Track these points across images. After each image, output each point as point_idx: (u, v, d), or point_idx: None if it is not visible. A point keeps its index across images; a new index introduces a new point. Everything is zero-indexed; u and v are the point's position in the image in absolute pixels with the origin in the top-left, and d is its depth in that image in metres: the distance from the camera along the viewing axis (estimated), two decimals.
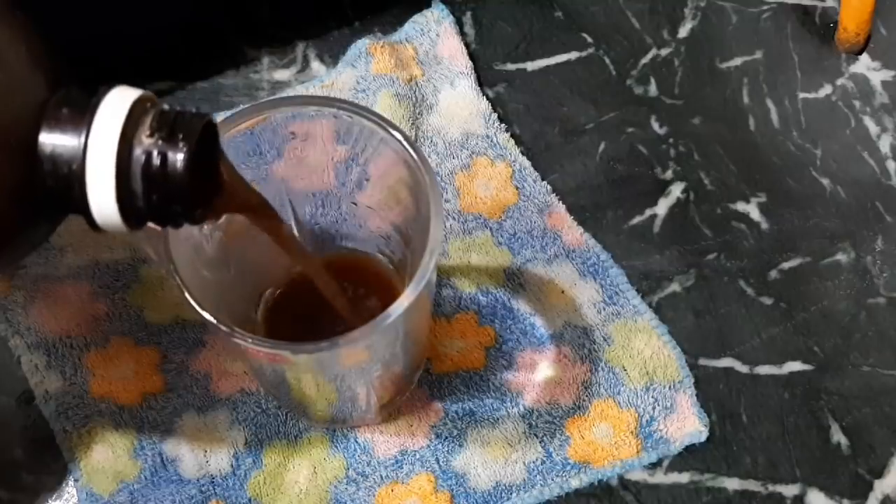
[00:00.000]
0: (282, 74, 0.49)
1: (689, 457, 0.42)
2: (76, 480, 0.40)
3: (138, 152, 0.27)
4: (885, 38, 0.51)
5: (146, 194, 0.27)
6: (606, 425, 0.42)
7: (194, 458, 0.41)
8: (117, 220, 0.28)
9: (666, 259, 0.46)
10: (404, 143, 0.32)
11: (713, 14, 0.51)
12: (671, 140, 0.48)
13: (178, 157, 0.27)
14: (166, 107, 0.29)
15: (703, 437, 0.42)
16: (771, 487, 0.41)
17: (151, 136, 0.27)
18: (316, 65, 0.49)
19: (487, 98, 0.48)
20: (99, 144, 0.27)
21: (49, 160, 0.28)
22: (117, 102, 0.27)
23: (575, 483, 0.41)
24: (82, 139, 0.27)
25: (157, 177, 0.27)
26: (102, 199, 0.27)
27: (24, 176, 0.28)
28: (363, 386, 0.38)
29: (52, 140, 0.28)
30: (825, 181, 0.48)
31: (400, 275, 0.40)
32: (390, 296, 0.39)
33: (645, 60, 0.50)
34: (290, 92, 0.48)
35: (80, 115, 0.27)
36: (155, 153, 0.27)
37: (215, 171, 0.31)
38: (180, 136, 0.27)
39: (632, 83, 0.50)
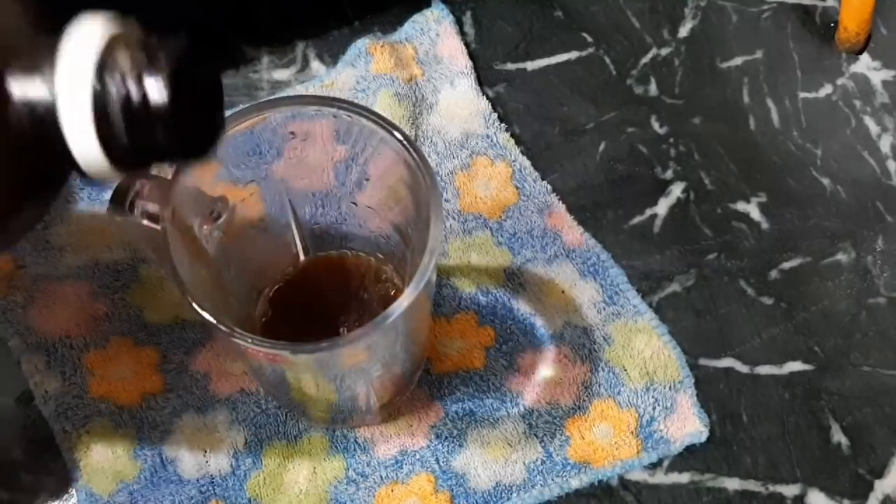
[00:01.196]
0: (281, 74, 0.49)
1: (689, 457, 0.42)
2: (76, 480, 0.40)
3: (114, 84, 0.24)
4: (886, 38, 0.51)
5: (129, 129, 0.25)
6: (606, 425, 0.42)
7: (194, 458, 0.41)
8: (104, 164, 0.25)
9: (666, 259, 0.46)
10: (404, 143, 0.32)
11: (713, 13, 0.51)
12: (671, 140, 0.48)
13: (157, 83, 0.24)
14: (145, 35, 0.26)
15: (704, 438, 0.42)
16: (771, 487, 0.41)
17: (127, 65, 0.25)
18: (316, 64, 0.49)
19: (487, 98, 0.48)
20: (70, 82, 0.24)
21: (23, 106, 0.25)
22: (89, 34, 0.25)
23: (575, 483, 0.41)
24: (52, 78, 0.25)
25: (138, 109, 0.25)
26: (82, 141, 0.25)
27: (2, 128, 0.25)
28: (363, 386, 0.38)
29: (23, 84, 0.25)
30: (825, 181, 0.48)
31: (400, 275, 0.40)
32: (390, 296, 0.39)
33: (645, 60, 0.50)
34: (289, 92, 0.48)
35: (50, 53, 0.25)
36: (133, 84, 0.24)
37: (214, 107, 0.28)
38: (160, 59, 0.25)
39: (632, 83, 0.50)
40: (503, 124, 0.48)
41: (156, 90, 0.25)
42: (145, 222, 0.32)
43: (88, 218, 0.45)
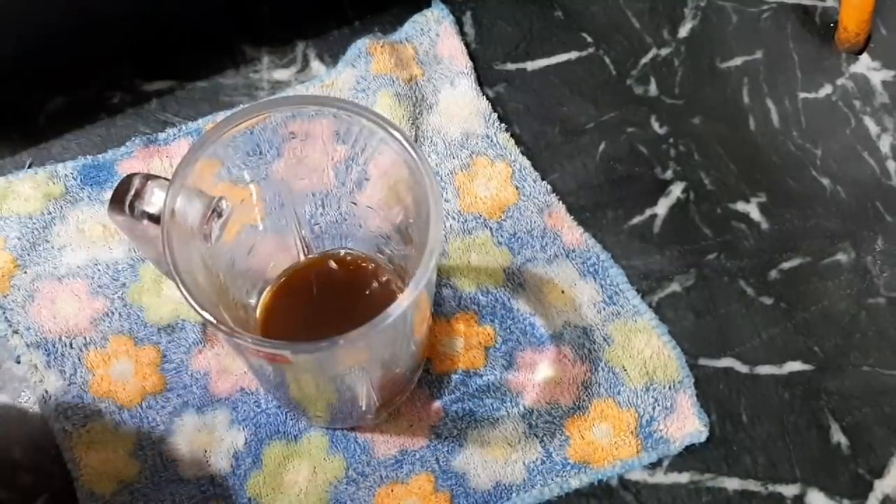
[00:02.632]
0: (282, 74, 0.49)
1: (689, 457, 0.42)
2: (76, 480, 0.40)
3: None
4: (886, 38, 0.51)
5: None
6: (606, 425, 0.42)
7: (194, 457, 0.41)
8: None
9: (666, 259, 0.46)
10: (404, 143, 0.32)
11: (713, 14, 0.52)
12: (671, 140, 0.48)
13: None
14: None
15: (703, 437, 0.42)
16: (771, 487, 0.41)
17: None
18: (316, 64, 0.49)
19: (487, 98, 0.48)
20: None
21: None
22: None
23: (575, 483, 0.41)
24: None
25: None
26: None
27: None
28: (363, 386, 0.38)
29: None
30: (825, 181, 0.48)
31: (399, 274, 0.40)
32: (390, 295, 0.39)
33: (645, 60, 0.50)
34: (290, 91, 0.48)
35: None
36: None
37: None
38: None
39: (632, 83, 0.50)
40: (503, 124, 0.48)
41: None
42: (145, 223, 0.32)
43: (88, 218, 0.45)
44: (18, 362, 0.42)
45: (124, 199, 0.32)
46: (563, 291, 0.44)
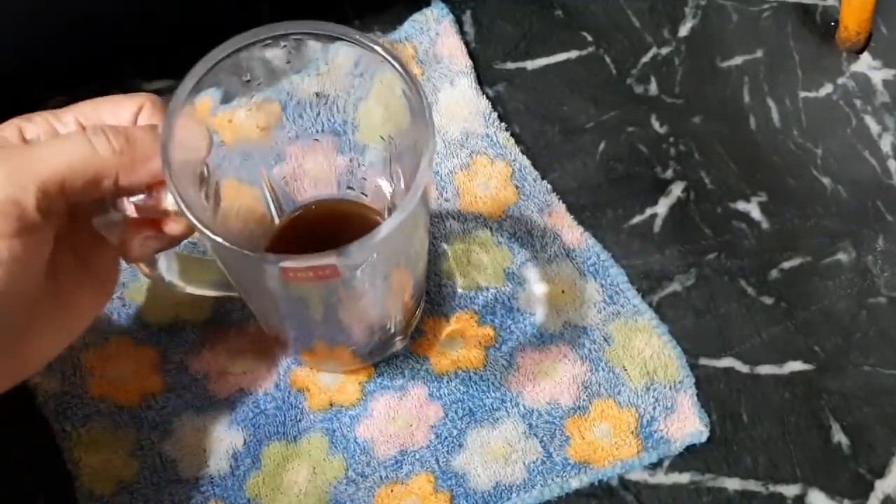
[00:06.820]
0: None
1: (689, 457, 0.42)
2: (76, 480, 0.40)
3: None
4: (886, 37, 0.51)
5: None
6: (606, 425, 0.42)
7: (193, 458, 0.41)
8: None
9: (666, 258, 0.46)
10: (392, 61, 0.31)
11: (714, 13, 0.51)
12: (671, 139, 0.48)
13: None
14: None
15: (704, 437, 0.42)
16: (771, 487, 0.41)
17: None
18: None
19: (487, 97, 0.48)
20: None
21: None
22: None
23: (575, 483, 0.41)
24: None
25: None
26: None
27: None
28: (388, 297, 0.37)
29: None
30: (826, 180, 0.48)
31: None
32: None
33: (645, 59, 0.50)
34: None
35: None
36: None
37: None
38: None
39: (632, 82, 0.50)
40: (503, 124, 0.48)
41: None
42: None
43: None
44: None
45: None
46: (563, 291, 0.44)
